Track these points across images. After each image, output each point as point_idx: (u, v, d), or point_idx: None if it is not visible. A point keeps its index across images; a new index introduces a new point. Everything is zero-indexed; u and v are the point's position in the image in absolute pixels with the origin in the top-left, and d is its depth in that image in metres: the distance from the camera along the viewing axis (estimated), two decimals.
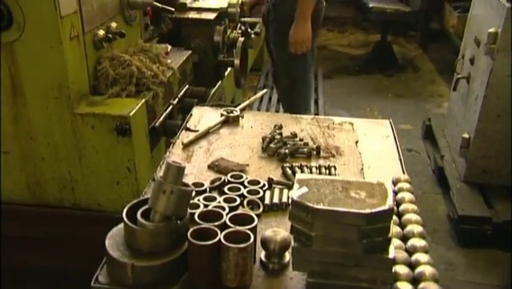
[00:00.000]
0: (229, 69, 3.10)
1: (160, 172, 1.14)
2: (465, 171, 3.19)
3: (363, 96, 5.00)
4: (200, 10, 2.89)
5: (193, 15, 2.83)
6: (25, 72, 1.86)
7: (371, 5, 5.52)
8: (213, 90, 2.97)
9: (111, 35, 2.06)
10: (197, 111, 1.83)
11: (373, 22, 6.23)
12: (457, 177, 3.26)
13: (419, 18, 6.06)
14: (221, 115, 1.75)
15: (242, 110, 1.80)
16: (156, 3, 2.37)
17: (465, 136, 3.17)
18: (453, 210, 3.05)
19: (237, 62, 2.86)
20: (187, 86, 2.50)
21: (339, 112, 4.56)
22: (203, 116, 1.78)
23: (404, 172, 1.48)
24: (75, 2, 1.87)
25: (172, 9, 2.54)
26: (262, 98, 4.16)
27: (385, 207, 0.96)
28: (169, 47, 2.51)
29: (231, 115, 1.75)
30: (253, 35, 3.16)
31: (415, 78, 5.50)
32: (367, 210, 0.95)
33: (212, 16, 2.81)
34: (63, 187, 2.04)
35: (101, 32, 2.06)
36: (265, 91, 1.89)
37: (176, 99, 2.35)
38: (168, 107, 2.27)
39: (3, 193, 2.07)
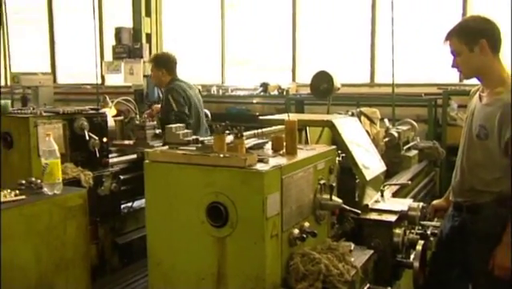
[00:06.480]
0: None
1: None
2: None
3: None
4: (381, 211, 3.06)
5: (374, 216, 3.00)
6: (230, 264, 2.12)
7: None
8: None
9: (304, 235, 2.28)
10: None
11: None
12: None
13: None
14: None
15: None
16: (344, 205, 2.59)
17: None
18: None
19: (416, 264, 2.89)
20: (368, 285, 2.57)
21: None
22: None
23: None
24: (279, 205, 2.16)
25: (359, 211, 2.73)
26: None
27: None
28: (353, 245, 2.65)
29: None
30: (431, 238, 3.18)
31: None
32: None
33: (392, 218, 2.94)
34: None
35: (296, 231, 2.29)
36: None
37: None
38: None
39: None
